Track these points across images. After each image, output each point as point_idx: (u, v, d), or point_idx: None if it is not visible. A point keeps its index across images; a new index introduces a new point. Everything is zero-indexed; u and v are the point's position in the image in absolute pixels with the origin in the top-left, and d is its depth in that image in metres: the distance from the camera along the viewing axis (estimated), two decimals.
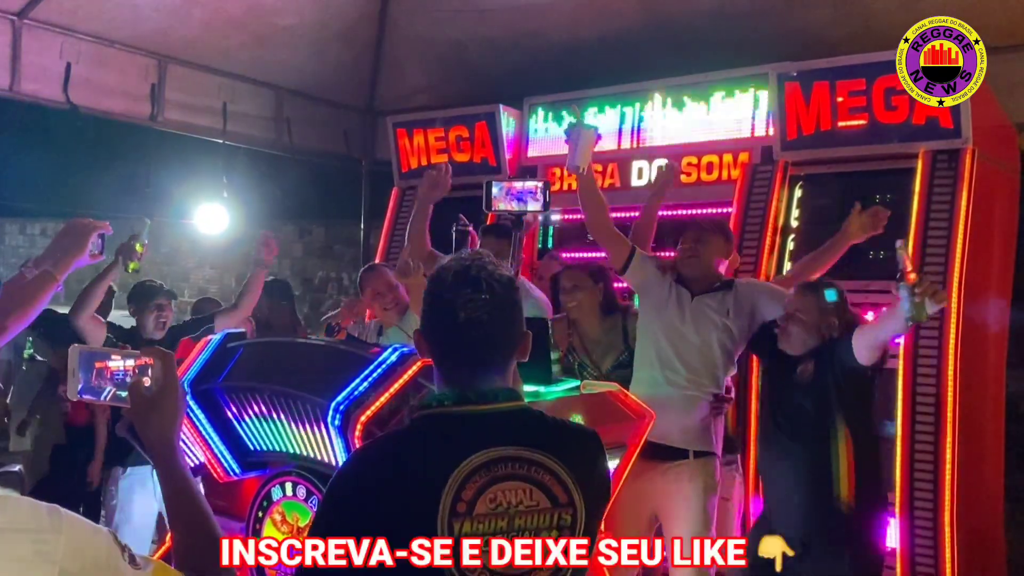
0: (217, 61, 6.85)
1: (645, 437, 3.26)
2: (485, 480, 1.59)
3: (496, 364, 1.70)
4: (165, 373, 1.58)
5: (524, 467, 1.62)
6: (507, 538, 1.59)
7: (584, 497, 1.66)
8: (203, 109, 6.93)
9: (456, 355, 1.70)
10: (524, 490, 1.61)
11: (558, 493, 1.64)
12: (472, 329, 1.66)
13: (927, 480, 4.31)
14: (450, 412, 1.67)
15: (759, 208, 5.07)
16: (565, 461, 1.66)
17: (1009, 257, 5.08)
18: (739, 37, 5.77)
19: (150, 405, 1.56)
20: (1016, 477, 5.15)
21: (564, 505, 1.64)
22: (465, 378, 1.69)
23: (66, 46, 6.02)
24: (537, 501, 1.62)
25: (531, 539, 1.61)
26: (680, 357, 3.94)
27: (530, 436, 1.67)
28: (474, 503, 1.58)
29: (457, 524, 1.56)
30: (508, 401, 1.70)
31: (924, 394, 4.36)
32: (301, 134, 7.61)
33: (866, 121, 4.79)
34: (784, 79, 5.01)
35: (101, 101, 6.33)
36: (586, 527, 1.67)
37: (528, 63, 6.55)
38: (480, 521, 1.58)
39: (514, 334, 1.73)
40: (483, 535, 1.57)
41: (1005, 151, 5.12)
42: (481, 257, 1.74)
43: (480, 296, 1.66)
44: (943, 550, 4.25)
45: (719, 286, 4.01)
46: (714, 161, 5.51)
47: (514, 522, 1.60)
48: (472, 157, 6.43)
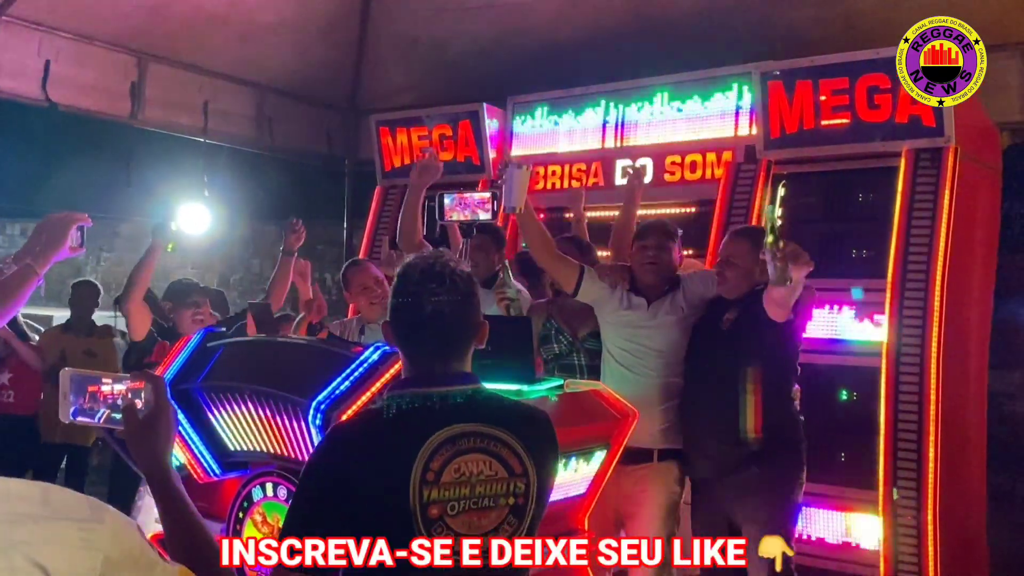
0: (198, 59, 6.80)
1: (629, 436, 3.26)
2: (450, 452, 1.79)
3: (457, 351, 1.91)
4: (157, 396, 1.65)
5: (484, 441, 1.83)
6: (469, 503, 1.79)
7: (536, 468, 1.87)
8: (184, 107, 6.88)
9: (421, 343, 1.91)
10: (484, 461, 1.82)
11: (513, 464, 1.85)
12: (436, 320, 1.87)
13: (910, 479, 4.32)
14: (417, 393, 1.86)
15: (742, 206, 5.07)
16: (519, 436, 1.87)
17: (991, 255, 5.10)
18: (722, 36, 5.78)
19: (143, 427, 1.62)
20: (999, 476, 5.16)
21: (519, 475, 1.85)
22: (429, 363, 1.90)
23: (45, 43, 5.96)
24: (495, 471, 1.83)
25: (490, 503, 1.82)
26: (634, 362, 3.93)
27: (488, 414, 1.87)
28: (441, 472, 1.77)
29: (426, 491, 1.76)
30: (468, 384, 1.90)
31: (907, 392, 4.37)
32: (283, 133, 7.57)
33: (849, 120, 4.80)
34: (767, 78, 5.01)
35: (80, 99, 6.28)
36: (537, 495, 1.88)
37: (512, 61, 6.53)
38: (446, 488, 1.77)
39: (473, 324, 1.93)
40: (448, 500, 1.77)
41: (987, 150, 5.13)
42: (444, 255, 1.95)
43: (443, 290, 1.86)
44: (926, 549, 4.26)
45: (668, 288, 4.00)
46: (698, 160, 5.51)
47: (475, 489, 1.80)
48: (456, 156, 6.41)
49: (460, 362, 1.91)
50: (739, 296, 3.79)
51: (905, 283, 4.47)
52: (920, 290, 4.43)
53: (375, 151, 6.78)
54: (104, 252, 12.28)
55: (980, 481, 5.00)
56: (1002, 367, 5.35)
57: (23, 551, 1.10)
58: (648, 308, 3.96)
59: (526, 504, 1.85)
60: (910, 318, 4.42)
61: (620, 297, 3.99)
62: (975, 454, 4.94)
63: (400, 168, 6.67)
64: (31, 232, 2.72)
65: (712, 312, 3.90)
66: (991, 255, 5.10)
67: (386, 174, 6.70)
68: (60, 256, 2.64)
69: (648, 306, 3.96)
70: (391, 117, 6.76)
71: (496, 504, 1.82)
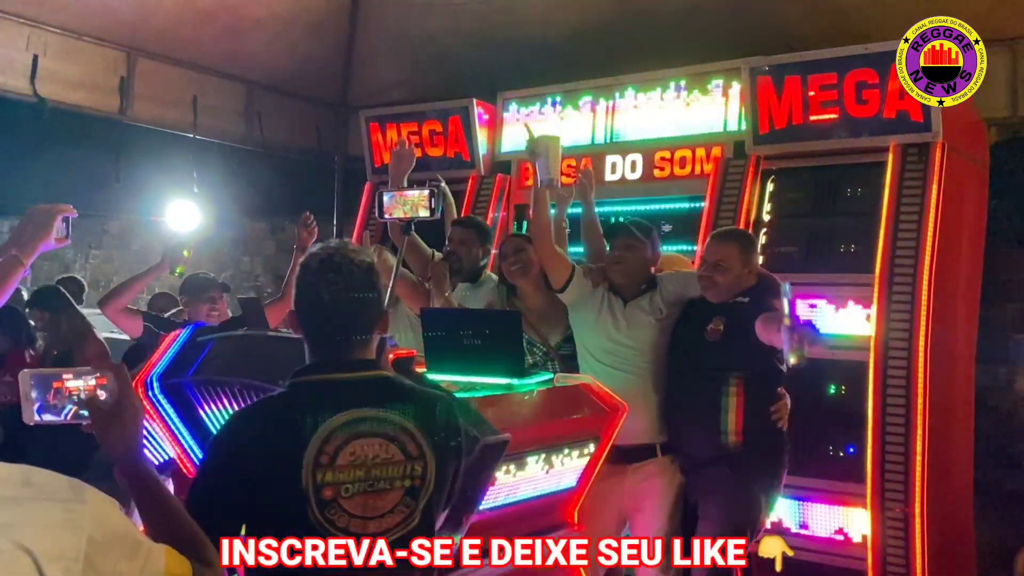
0: (187, 54, 6.78)
1: (618, 430, 3.27)
2: (346, 436, 1.86)
3: (357, 338, 1.99)
4: (120, 386, 1.65)
5: (380, 425, 1.90)
6: (364, 485, 1.86)
7: (434, 451, 1.94)
8: (173, 103, 6.86)
9: (322, 331, 1.99)
10: (380, 445, 1.89)
11: (410, 448, 1.91)
12: (334, 308, 1.95)
13: (898, 472, 4.34)
14: (316, 379, 1.96)
15: (732, 202, 5.08)
16: (417, 420, 1.94)
17: (978, 251, 5.13)
18: (711, 32, 5.79)
19: (109, 418, 1.62)
20: (986, 470, 5.20)
21: (416, 458, 1.92)
22: (330, 350, 1.99)
23: (33, 38, 5.94)
24: (392, 454, 1.90)
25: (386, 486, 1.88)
26: (619, 362, 3.94)
27: (387, 399, 1.94)
28: (335, 455, 1.84)
29: (320, 473, 1.83)
30: (368, 370, 1.99)
31: (894, 387, 4.39)
32: (272, 129, 7.56)
33: (837, 115, 4.81)
34: (756, 73, 5.03)
35: (69, 94, 6.26)
36: (436, 478, 1.95)
37: (501, 57, 6.53)
38: (340, 471, 1.84)
39: (372, 313, 2.01)
40: (342, 483, 1.84)
41: (975, 146, 5.16)
42: (345, 246, 2.03)
43: (341, 279, 1.95)
44: (913, 542, 4.28)
45: (645, 287, 4.01)
46: (687, 155, 5.52)
47: (371, 472, 1.87)
48: (446, 151, 6.41)
49: (362, 349, 1.99)
50: (723, 301, 3.82)
51: (893, 278, 4.48)
52: (908, 285, 4.45)
53: (365, 147, 6.77)
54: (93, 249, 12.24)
55: (967, 474, 5.03)
56: (988, 362, 5.37)
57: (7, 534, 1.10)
58: (625, 307, 3.98)
59: (422, 486, 1.92)
60: (897, 312, 4.44)
61: (600, 297, 4.01)
62: (962, 448, 4.97)
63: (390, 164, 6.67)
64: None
65: (694, 317, 3.91)
66: (978, 250, 5.13)
67: (376, 170, 6.70)
68: (46, 247, 2.64)
69: (625, 305, 3.98)
70: (381, 113, 6.75)
71: (392, 486, 1.89)
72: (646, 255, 4.03)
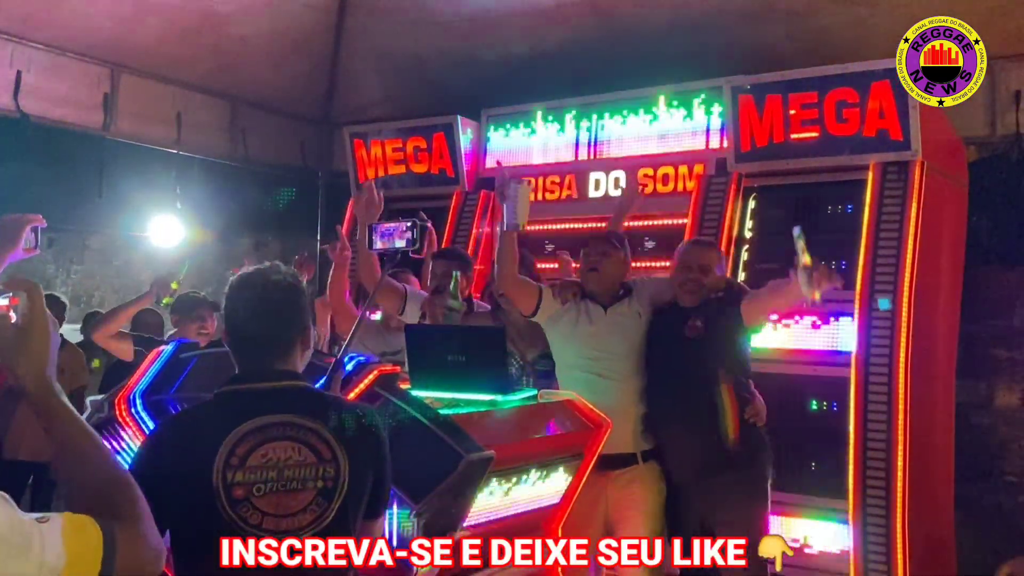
0: (171, 71, 6.78)
1: (602, 446, 3.28)
2: (258, 440, 1.97)
3: (276, 351, 2.11)
4: (33, 306, 1.51)
5: (294, 430, 2.01)
6: (277, 485, 1.95)
7: (348, 455, 2.03)
8: (157, 119, 6.85)
9: (242, 344, 2.13)
10: (293, 448, 1.99)
11: (323, 451, 2.01)
12: (250, 324, 2.10)
13: (879, 488, 4.36)
14: (236, 389, 2.10)
15: (714, 219, 5.11)
16: (331, 426, 2.04)
17: (958, 268, 5.17)
18: (694, 50, 5.84)
19: (18, 337, 1.48)
20: (967, 485, 5.23)
21: (328, 460, 2.01)
22: (249, 362, 2.13)
23: (17, 54, 5.93)
24: (304, 457, 1.99)
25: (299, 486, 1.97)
26: (603, 369, 3.96)
27: (303, 406, 2.06)
28: (247, 457, 1.95)
29: (230, 473, 1.93)
30: (286, 380, 2.10)
31: (875, 402, 4.42)
32: (257, 145, 7.56)
33: (818, 133, 4.86)
34: (738, 92, 5.07)
35: (52, 110, 6.25)
36: (350, 481, 2.03)
37: (485, 74, 6.56)
38: (252, 471, 1.95)
39: (291, 329, 2.13)
40: (254, 482, 1.94)
41: (954, 164, 5.22)
42: (267, 267, 2.16)
43: (256, 297, 2.09)
44: (895, 555, 4.30)
45: (623, 293, 4.10)
46: (670, 173, 5.56)
47: (283, 473, 1.97)
48: (430, 168, 6.43)
49: (282, 361, 2.11)
50: (696, 304, 3.92)
51: (873, 294, 4.52)
52: (888, 301, 4.49)
53: (349, 163, 6.78)
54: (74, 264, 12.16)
55: (948, 490, 5.06)
56: (969, 378, 5.42)
57: None
58: (606, 313, 4.03)
59: (335, 488, 2.01)
60: (878, 328, 4.48)
61: (576, 309, 4.05)
62: (943, 463, 5.00)
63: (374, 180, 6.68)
64: None
65: (669, 323, 3.97)
66: (958, 267, 5.18)
67: (359, 186, 6.70)
68: (14, 257, 2.59)
69: (605, 311, 4.04)
70: (365, 129, 6.77)
71: (304, 487, 1.98)
72: (620, 261, 4.10)
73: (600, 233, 4.30)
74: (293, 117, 7.82)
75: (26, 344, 1.47)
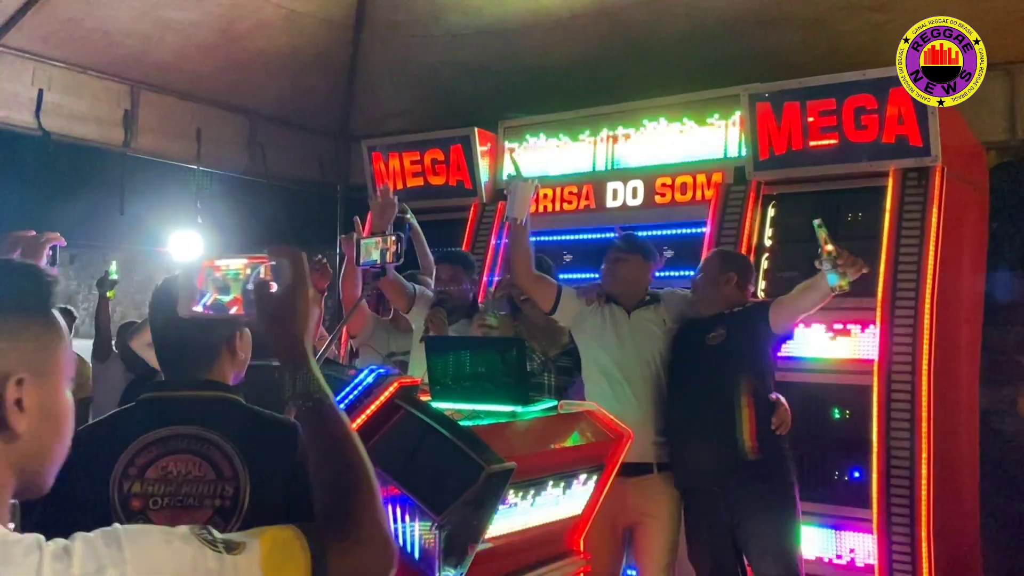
0: (190, 87, 6.84)
1: (623, 458, 3.27)
2: (159, 451, 1.91)
3: (197, 359, 2.03)
4: (295, 270, 1.44)
5: (198, 444, 1.92)
6: (174, 500, 1.88)
7: (250, 474, 1.91)
8: (176, 135, 6.91)
9: (163, 352, 2.08)
10: (194, 463, 1.91)
11: (224, 467, 1.92)
12: (169, 331, 2.02)
13: (903, 496, 4.33)
14: (158, 396, 2.04)
15: (733, 227, 5.10)
16: (237, 442, 1.93)
17: (979, 273, 5.14)
18: (710, 59, 5.84)
19: (279, 305, 1.43)
20: (992, 493, 5.17)
21: (228, 478, 1.91)
22: (172, 370, 2.06)
23: (38, 72, 6.01)
24: (204, 473, 1.91)
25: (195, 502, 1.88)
26: (625, 373, 4.01)
27: (212, 419, 1.96)
28: (145, 468, 1.90)
29: (127, 484, 1.88)
30: (209, 391, 2.01)
31: (898, 410, 4.39)
32: (275, 160, 7.60)
33: (837, 140, 4.84)
34: (755, 100, 5.06)
35: (74, 127, 6.32)
36: (251, 501, 1.90)
37: (502, 86, 6.58)
38: (149, 484, 1.89)
39: (212, 337, 2.04)
40: (151, 495, 1.88)
41: (974, 170, 5.19)
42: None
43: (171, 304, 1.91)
44: (920, 565, 4.26)
45: (649, 299, 4.13)
46: (688, 181, 5.55)
47: (180, 488, 1.89)
48: (448, 180, 6.45)
49: (204, 370, 2.03)
50: (713, 314, 3.94)
51: (895, 301, 4.50)
52: (910, 308, 4.46)
53: (367, 176, 6.81)
54: None
55: (973, 498, 5.01)
56: (993, 384, 5.37)
57: None
58: (629, 316, 4.08)
59: (234, 508, 1.90)
60: (900, 336, 4.45)
61: (600, 312, 4.10)
62: (968, 471, 4.96)
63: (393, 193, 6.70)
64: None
65: (692, 333, 4.00)
66: (980, 273, 5.15)
67: None
68: None
69: (629, 314, 4.08)
70: (383, 142, 6.80)
71: (201, 504, 1.89)
72: (637, 265, 4.13)
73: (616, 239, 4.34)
74: (311, 131, 7.87)
75: (288, 314, 1.43)
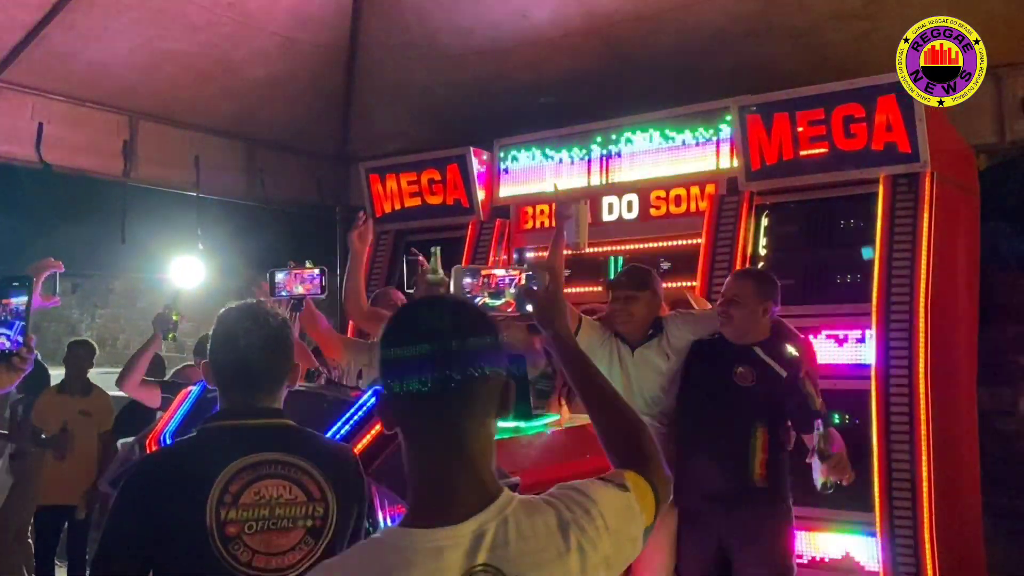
0: (188, 115, 6.91)
1: None
2: (251, 477, 1.97)
3: (266, 388, 2.09)
4: (553, 276, 1.93)
5: (285, 468, 2.01)
6: (268, 523, 1.95)
7: (335, 494, 2.03)
8: (175, 163, 6.97)
9: (235, 378, 2.08)
10: (284, 486, 1.99)
11: (312, 490, 2.01)
12: (249, 354, 2.05)
13: (905, 498, 4.36)
14: (225, 425, 2.07)
15: (727, 238, 5.16)
16: (319, 465, 2.04)
17: (974, 275, 5.18)
18: (700, 72, 5.90)
19: (549, 300, 1.87)
20: (993, 493, 5.20)
21: (318, 499, 2.01)
22: (239, 398, 2.08)
23: (38, 106, 6.08)
24: (295, 495, 1.99)
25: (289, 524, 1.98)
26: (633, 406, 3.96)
27: (292, 445, 2.05)
28: (239, 494, 1.95)
29: (224, 511, 1.92)
30: (274, 418, 2.09)
31: (897, 414, 4.43)
32: (274, 184, 7.66)
33: (827, 149, 4.90)
34: (745, 111, 5.12)
35: (74, 159, 6.39)
36: (338, 520, 2.03)
37: (496, 105, 6.64)
38: (245, 509, 1.94)
39: (283, 364, 2.12)
40: (247, 520, 1.94)
41: (964, 173, 5.24)
42: (262, 302, 2.20)
43: (256, 328, 2.07)
44: (924, 566, 4.29)
45: (652, 333, 4.01)
46: (682, 194, 5.61)
47: (275, 511, 1.97)
48: (445, 199, 6.52)
49: (270, 399, 2.09)
50: (743, 344, 3.82)
51: (890, 306, 4.54)
52: (905, 312, 4.51)
53: (365, 198, 6.88)
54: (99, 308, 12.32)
55: (975, 498, 5.04)
56: (992, 385, 5.41)
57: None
58: (632, 355, 3.99)
59: (324, 527, 2.01)
60: (896, 340, 4.49)
61: (610, 345, 4.03)
62: (968, 471, 4.99)
63: (390, 214, 6.78)
64: None
65: (716, 359, 3.89)
66: (974, 274, 5.18)
67: (377, 220, 6.78)
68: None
69: (632, 353, 4.00)
70: (380, 164, 6.87)
71: (295, 525, 1.98)
72: (648, 301, 4.02)
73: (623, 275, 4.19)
74: (309, 155, 7.94)
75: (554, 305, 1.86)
